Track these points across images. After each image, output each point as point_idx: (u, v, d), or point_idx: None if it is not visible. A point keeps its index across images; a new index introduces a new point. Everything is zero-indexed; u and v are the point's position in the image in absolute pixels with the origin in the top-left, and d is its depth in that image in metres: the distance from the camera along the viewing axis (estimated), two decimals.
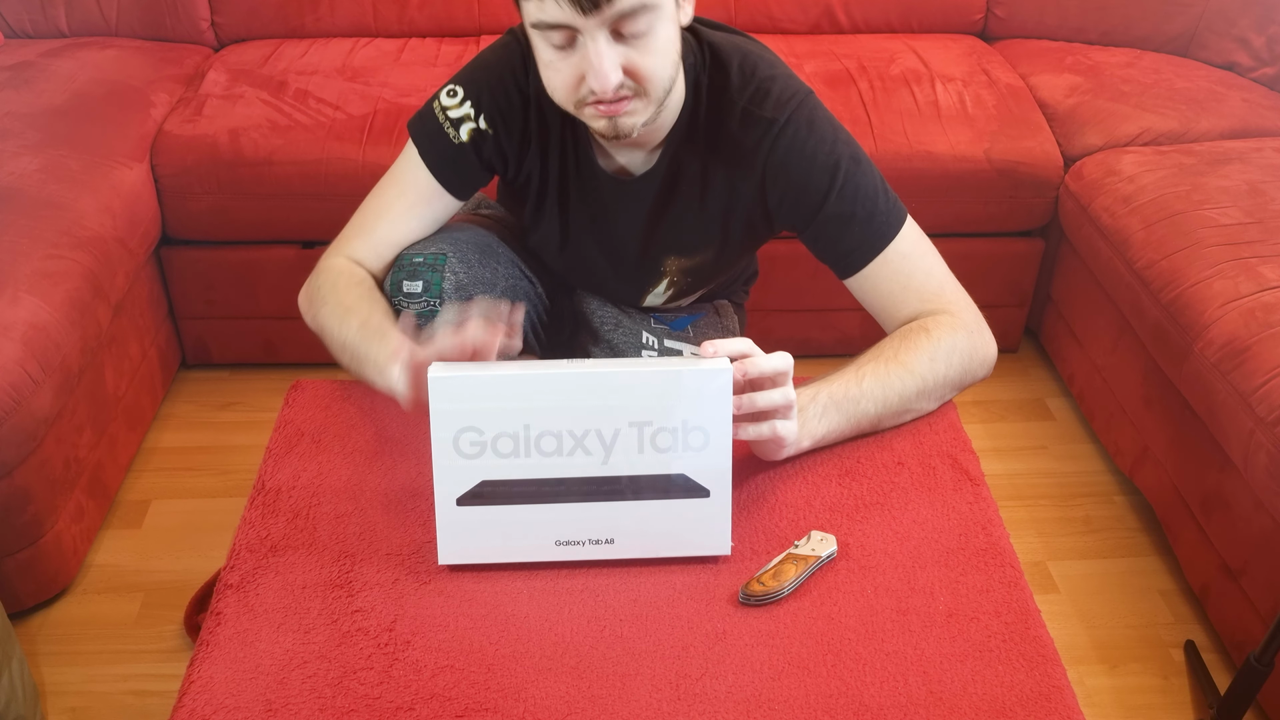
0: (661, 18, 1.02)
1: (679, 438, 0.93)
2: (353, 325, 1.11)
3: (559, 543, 0.97)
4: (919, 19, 2.40)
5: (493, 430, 0.93)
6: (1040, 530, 1.82)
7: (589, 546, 0.96)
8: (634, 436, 0.93)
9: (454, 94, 1.18)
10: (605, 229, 1.25)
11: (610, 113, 1.05)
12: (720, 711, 0.85)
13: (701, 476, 0.95)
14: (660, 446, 0.93)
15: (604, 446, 0.93)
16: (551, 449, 0.93)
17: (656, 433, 0.93)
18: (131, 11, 2.29)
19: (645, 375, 0.92)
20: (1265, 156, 1.91)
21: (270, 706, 0.85)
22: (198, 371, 2.17)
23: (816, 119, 1.15)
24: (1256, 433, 1.43)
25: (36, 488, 1.54)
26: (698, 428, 0.93)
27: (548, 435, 0.93)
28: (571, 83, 1.03)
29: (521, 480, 0.94)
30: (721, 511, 0.96)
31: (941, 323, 1.13)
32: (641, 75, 1.03)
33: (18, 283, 1.56)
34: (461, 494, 0.95)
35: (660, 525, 0.96)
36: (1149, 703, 1.54)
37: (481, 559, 0.98)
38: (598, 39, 0.99)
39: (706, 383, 0.92)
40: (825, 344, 2.18)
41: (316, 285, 1.19)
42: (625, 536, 0.96)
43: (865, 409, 1.08)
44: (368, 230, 1.21)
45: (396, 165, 1.22)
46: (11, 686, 1.34)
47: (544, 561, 0.98)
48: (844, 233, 1.15)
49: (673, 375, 0.92)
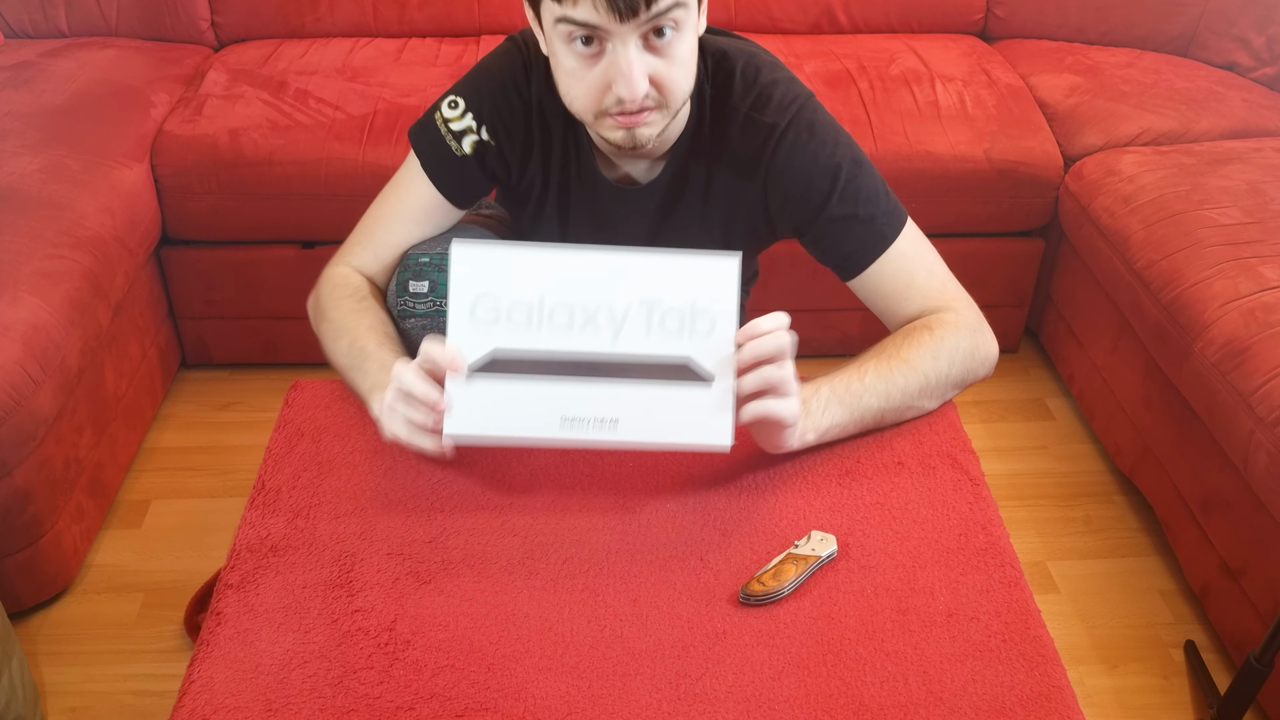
0: (688, 27, 1.02)
1: (686, 321, 0.97)
2: (342, 346, 1.13)
3: (565, 419, 0.98)
4: (919, 19, 2.40)
5: (509, 298, 0.96)
6: (1040, 530, 1.82)
7: (594, 425, 0.98)
8: (643, 316, 0.97)
9: (455, 105, 1.17)
10: (606, 237, 1.25)
11: (630, 124, 1.05)
12: (720, 711, 0.85)
13: (706, 363, 0.98)
14: (668, 328, 0.97)
15: (614, 324, 0.97)
16: (564, 321, 0.97)
17: (665, 314, 0.96)
18: (131, 11, 2.29)
19: (659, 259, 0.97)
20: (1265, 156, 1.91)
21: (270, 706, 0.85)
22: (198, 371, 2.17)
23: (817, 122, 1.15)
24: (1256, 433, 1.43)
25: (36, 488, 1.54)
26: (704, 312, 0.97)
27: (561, 307, 0.96)
28: (596, 91, 1.03)
29: (532, 353, 0.97)
30: (724, 401, 0.98)
31: (945, 321, 1.13)
32: (666, 86, 1.03)
33: (18, 283, 1.56)
34: (473, 362, 0.97)
35: (664, 409, 0.98)
36: (1149, 703, 1.54)
37: (488, 431, 0.99)
38: (629, 45, 0.99)
39: (714, 268, 0.96)
40: (826, 344, 2.18)
41: (319, 297, 1.20)
42: (630, 418, 0.98)
43: (868, 403, 1.08)
44: (369, 238, 1.22)
45: (399, 175, 1.22)
46: (11, 686, 1.34)
47: (548, 438, 0.98)
48: (846, 234, 1.15)
49: (683, 258, 0.97)
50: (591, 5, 0.96)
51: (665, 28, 1.00)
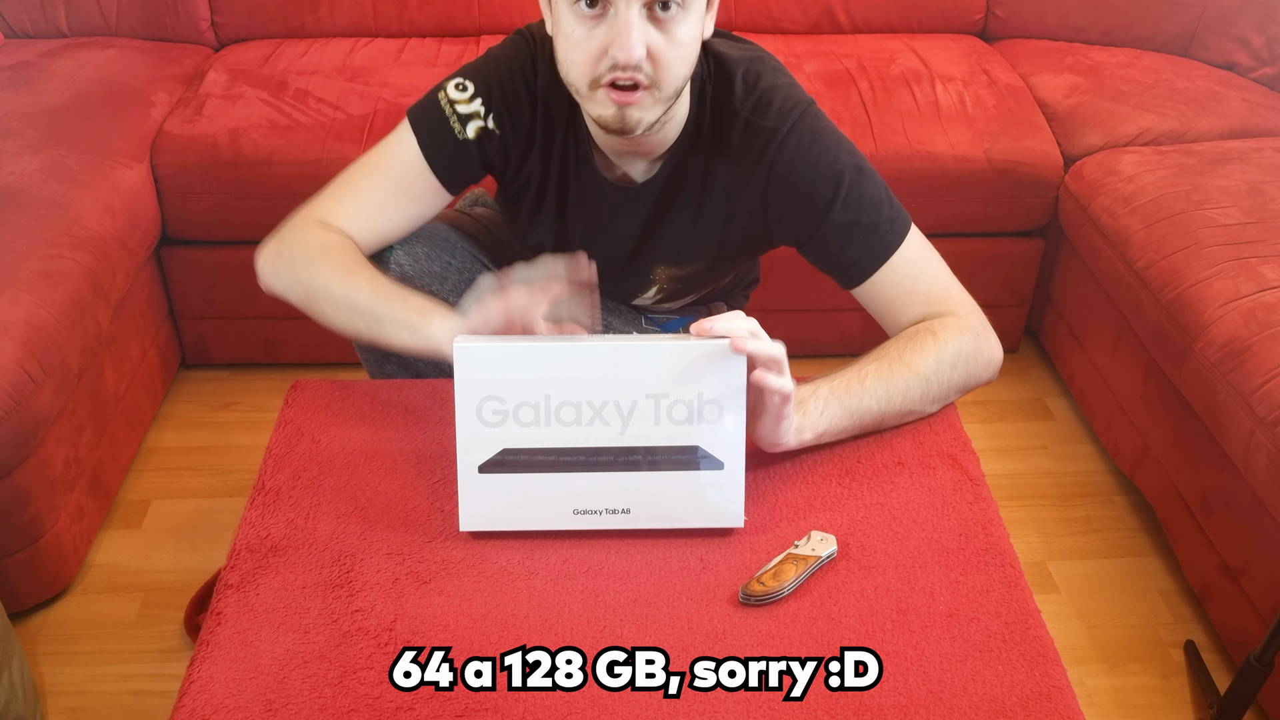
0: (693, 11, 1.03)
1: (694, 410, 0.96)
2: (362, 284, 1.11)
3: (576, 511, 0.99)
4: (919, 19, 2.40)
5: (515, 399, 0.96)
6: (1040, 530, 1.82)
7: (606, 516, 0.99)
8: (651, 408, 0.96)
9: (463, 88, 1.16)
10: (602, 236, 1.25)
11: (622, 100, 1.04)
12: (720, 711, 0.85)
13: (716, 449, 0.97)
14: (676, 419, 0.96)
15: (621, 417, 0.96)
16: (571, 419, 0.96)
17: (673, 405, 0.96)
18: (131, 11, 2.29)
19: (663, 349, 0.95)
20: (1265, 156, 1.91)
21: (270, 706, 0.85)
22: (198, 371, 2.17)
23: (819, 129, 1.14)
24: (1256, 433, 1.43)
25: (36, 488, 1.54)
26: (712, 401, 0.96)
27: (567, 405, 0.96)
28: (593, 56, 1.02)
29: (542, 449, 0.97)
30: (735, 484, 0.98)
31: (948, 325, 1.13)
32: (661, 63, 1.02)
33: (18, 283, 1.56)
34: (483, 461, 0.97)
35: (675, 496, 0.98)
36: (1149, 703, 1.54)
37: (501, 526, 1.00)
38: (632, 8, 0.99)
39: (721, 357, 0.95)
40: (826, 344, 2.18)
41: (295, 245, 1.16)
42: (641, 507, 0.99)
43: (868, 405, 1.08)
44: (347, 202, 1.18)
45: (387, 148, 1.19)
46: (11, 686, 1.34)
47: (561, 530, 0.99)
48: (849, 243, 1.14)
49: (689, 349, 0.95)
50: None
51: (671, 2, 1.00)
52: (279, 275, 1.17)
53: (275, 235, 1.18)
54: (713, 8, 1.08)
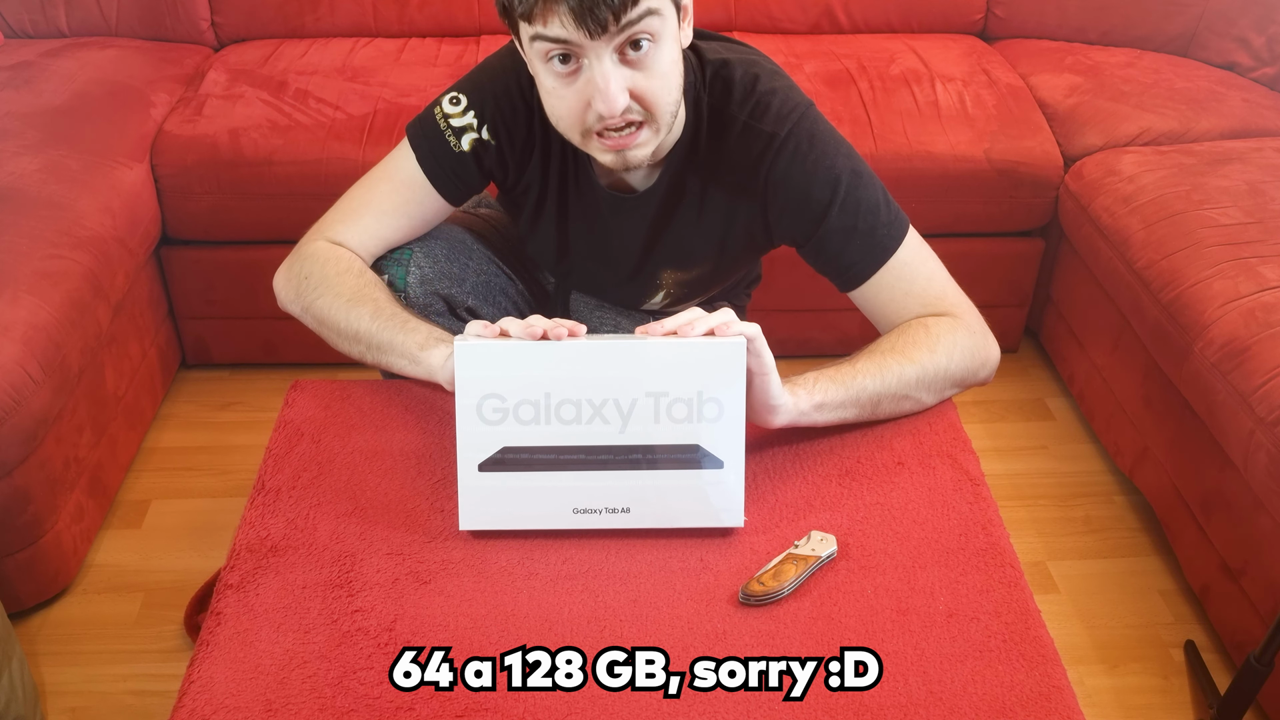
0: (666, 37, 1.01)
1: (694, 409, 0.96)
2: (364, 314, 1.12)
3: (576, 510, 0.99)
4: (919, 19, 2.40)
5: (515, 397, 0.96)
6: (1040, 530, 1.82)
7: (605, 515, 0.99)
8: (650, 406, 0.96)
9: (457, 102, 1.17)
10: (603, 243, 1.25)
11: (619, 146, 1.04)
12: (720, 711, 0.85)
13: (716, 448, 0.97)
14: (676, 417, 0.97)
15: (621, 416, 0.96)
16: (571, 417, 0.97)
17: (673, 403, 0.96)
18: (131, 11, 2.29)
19: (662, 347, 0.96)
20: (1265, 156, 1.91)
21: (270, 706, 0.85)
22: (198, 371, 2.17)
23: (818, 132, 1.14)
24: (1256, 433, 1.43)
25: (36, 488, 1.54)
26: (712, 399, 0.96)
27: (567, 403, 0.96)
28: (578, 110, 1.02)
29: (541, 447, 0.97)
30: (735, 483, 0.98)
31: (941, 321, 1.13)
32: (647, 99, 1.02)
33: (18, 283, 1.56)
34: (483, 460, 0.97)
35: (675, 495, 0.99)
36: (1149, 703, 1.54)
37: (501, 525, 1.00)
38: (604, 59, 0.98)
39: (721, 355, 0.95)
40: (825, 344, 2.18)
41: (303, 271, 1.18)
42: (641, 506, 0.99)
43: (863, 384, 1.07)
44: (357, 222, 1.20)
45: (390, 165, 1.21)
46: (11, 686, 1.34)
47: (561, 529, 0.99)
48: (846, 246, 1.14)
49: (689, 347, 0.95)
50: (560, 21, 0.95)
51: (641, 40, 0.99)
52: (290, 304, 1.21)
53: (288, 258, 1.21)
54: (687, 16, 1.06)
